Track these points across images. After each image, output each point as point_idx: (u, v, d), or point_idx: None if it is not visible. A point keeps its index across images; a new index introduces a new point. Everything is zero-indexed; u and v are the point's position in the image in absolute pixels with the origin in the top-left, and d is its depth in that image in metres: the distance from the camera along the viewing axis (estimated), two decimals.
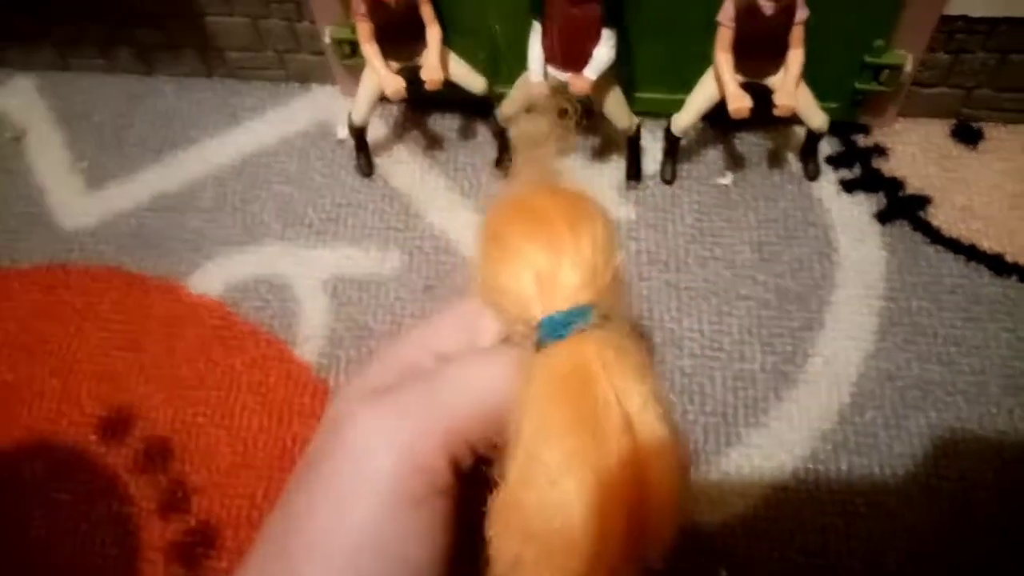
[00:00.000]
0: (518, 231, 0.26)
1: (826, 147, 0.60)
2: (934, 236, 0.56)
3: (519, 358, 0.26)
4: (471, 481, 0.26)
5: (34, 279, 0.60)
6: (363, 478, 0.25)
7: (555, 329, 0.24)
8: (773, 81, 0.54)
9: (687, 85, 0.56)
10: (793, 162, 0.60)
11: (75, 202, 0.62)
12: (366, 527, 0.25)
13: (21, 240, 0.61)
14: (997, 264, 0.54)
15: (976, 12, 0.52)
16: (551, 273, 0.25)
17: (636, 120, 0.58)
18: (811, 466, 0.49)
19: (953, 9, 0.52)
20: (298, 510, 0.26)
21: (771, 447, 0.50)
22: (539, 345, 0.25)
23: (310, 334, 0.55)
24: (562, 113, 0.30)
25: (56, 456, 0.52)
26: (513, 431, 0.24)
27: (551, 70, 0.54)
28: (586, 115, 0.57)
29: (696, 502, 0.47)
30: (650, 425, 0.23)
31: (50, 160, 0.65)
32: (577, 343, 0.24)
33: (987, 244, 0.55)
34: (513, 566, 0.23)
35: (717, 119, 0.59)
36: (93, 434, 0.53)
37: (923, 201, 0.57)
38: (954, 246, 0.55)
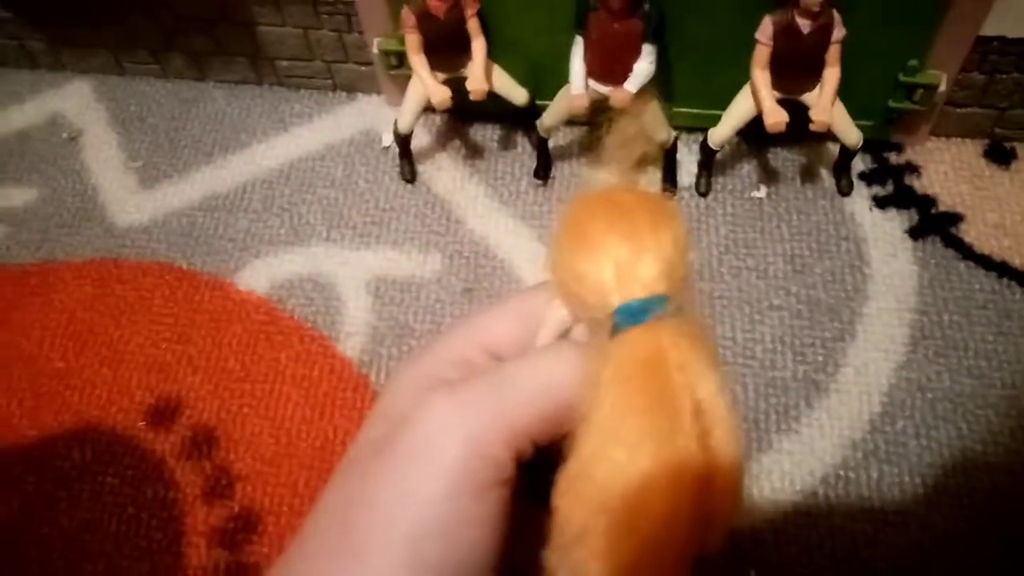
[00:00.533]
0: (601, 222, 0.26)
1: (859, 164, 0.61)
2: (966, 252, 0.57)
3: (585, 353, 0.27)
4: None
5: (87, 272, 0.62)
6: (432, 466, 0.26)
7: (633, 315, 0.25)
8: (809, 98, 0.55)
9: (724, 101, 0.58)
10: (826, 178, 0.61)
11: (128, 200, 0.65)
12: (431, 513, 0.26)
13: (75, 235, 0.64)
14: None
15: (1012, 33, 0.53)
16: (631, 263, 0.26)
17: (673, 133, 0.59)
18: (841, 473, 0.50)
19: (989, 30, 0.53)
20: (361, 492, 0.27)
21: (802, 454, 0.50)
22: (615, 331, 0.26)
23: (352, 331, 0.57)
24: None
25: (104, 441, 0.54)
26: (585, 410, 0.25)
27: (592, 83, 0.55)
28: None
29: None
30: (720, 413, 0.24)
31: (105, 159, 0.67)
32: (654, 329, 0.25)
33: (1019, 261, 0.56)
34: (580, 536, 0.24)
35: (752, 134, 0.61)
36: (141, 421, 0.55)
37: (955, 218, 0.58)
38: (986, 262, 0.56)
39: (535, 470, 0.27)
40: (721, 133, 0.58)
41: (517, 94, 0.60)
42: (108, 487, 0.53)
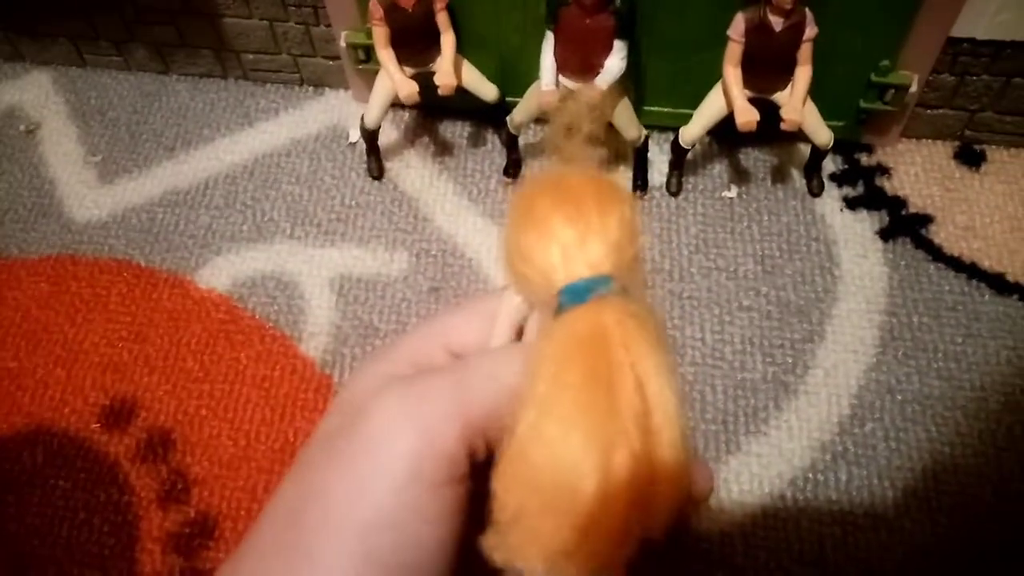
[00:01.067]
0: (548, 205, 0.27)
1: (830, 165, 0.61)
2: (936, 254, 0.56)
3: (542, 327, 0.27)
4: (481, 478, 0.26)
5: (42, 269, 0.60)
6: (385, 458, 0.25)
7: (576, 294, 0.25)
8: (780, 97, 0.54)
9: (695, 100, 0.57)
10: (797, 178, 0.60)
11: (87, 195, 0.63)
12: (383, 505, 0.25)
13: (30, 231, 0.62)
14: (998, 283, 0.55)
15: (982, 35, 0.53)
16: (576, 244, 0.26)
17: (644, 131, 0.59)
18: (810, 476, 0.49)
19: (959, 31, 0.53)
20: (314, 484, 0.26)
21: (770, 456, 0.50)
22: (559, 311, 0.25)
23: (315, 331, 0.55)
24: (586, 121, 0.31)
25: (57, 443, 0.53)
26: (526, 388, 0.24)
27: (563, 79, 0.55)
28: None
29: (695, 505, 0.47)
30: (662, 393, 0.24)
31: (63, 153, 0.66)
32: (596, 307, 0.25)
33: (988, 263, 0.56)
34: (516, 517, 0.23)
35: (724, 134, 0.60)
36: (95, 423, 0.53)
37: (925, 220, 0.58)
38: (955, 264, 0.56)
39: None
40: (692, 132, 0.57)
41: (487, 90, 0.59)
42: (59, 491, 0.51)
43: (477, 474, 0.27)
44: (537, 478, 0.23)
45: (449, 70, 0.56)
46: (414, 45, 0.57)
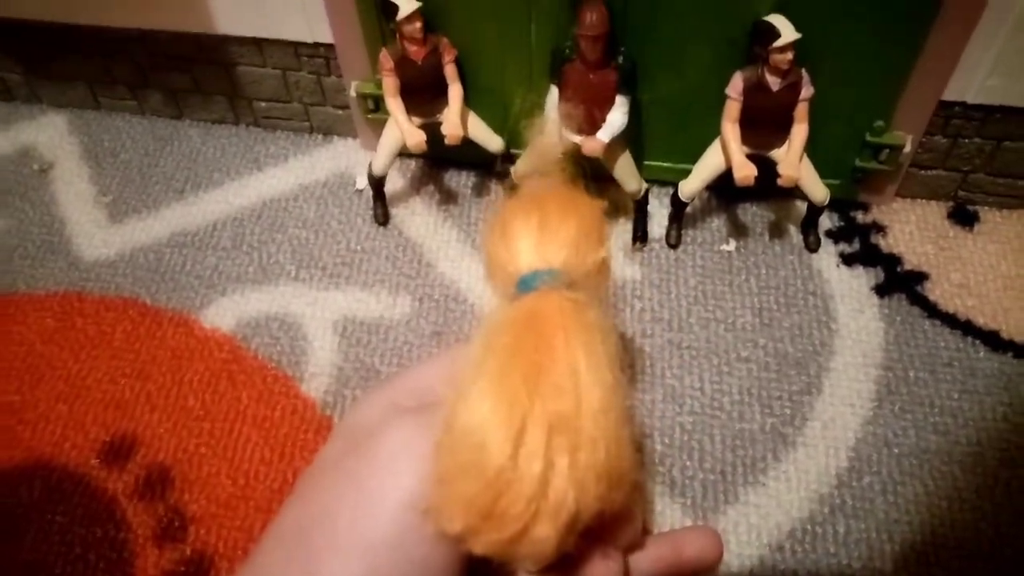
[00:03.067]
0: (516, 210, 0.30)
1: (826, 221, 0.62)
2: (931, 310, 0.57)
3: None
4: None
5: (48, 305, 0.61)
6: (390, 481, 0.26)
7: (525, 284, 0.28)
8: (777, 154, 0.56)
9: (694, 155, 0.59)
10: (794, 234, 0.62)
11: (96, 234, 0.64)
12: (388, 526, 0.26)
13: (38, 267, 0.63)
14: (993, 340, 0.56)
15: (972, 99, 0.55)
16: (534, 242, 0.29)
17: (644, 185, 0.60)
18: (808, 528, 0.49)
19: (951, 95, 0.55)
20: (320, 505, 0.27)
21: (768, 507, 0.50)
22: (514, 300, 0.28)
23: (317, 372, 0.56)
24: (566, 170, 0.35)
25: (56, 478, 0.53)
26: (467, 360, 0.26)
27: (566, 132, 0.56)
28: (593, 178, 0.60)
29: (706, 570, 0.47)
30: (592, 379, 0.25)
31: (74, 193, 0.67)
32: (541, 295, 0.27)
33: (982, 321, 0.57)
34: (441, 479, 0.25)
35: (722, 189, 0.62)
36: (95, 459, 0.53)
37: (920, 277, 0.59)
38: (951, 321, 0.57)
39: None
40: (691, 186, 0.58)
41: (492, 141, 0.61)
42: (56, 526, 0.51)
43: None
44: (456, 441, 0.24)
45: (456, 121, 0.58)
46: (422, 96, 0.58)
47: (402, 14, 0.53)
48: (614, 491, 0.25)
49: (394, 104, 0.58)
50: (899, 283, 0.59)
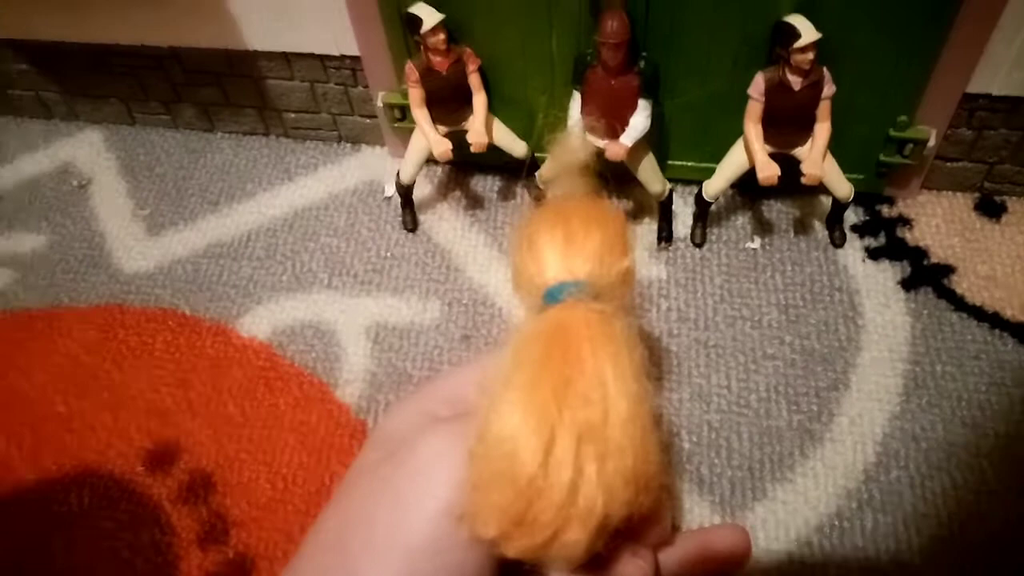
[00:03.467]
0: (541, 224, 0.30)
1: (851, 216, 0.62)
2: (958, 304, 0.57)
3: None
4: None
5: (91, 318, 0.63)
6: (427, 488, 0.27)
7: (552, 296, 0.28)
8: (800, 152, 0.56)
9: (718, 155, 0.59)
10: (819, 230, 0.62)
11: (134, 247, 0.66)
12: (426, 532, 0.27)
13: (81, 281, 0.65)
14: (1021, 332, 0.56)
15: (997, 91, 0.55)
16: (560, 255, 0.29)
17: (668, 185, 0.61)
18: (836, 523, 0.50)
19: (975, 87, 0.55)
20: (358, 511, 0.28)
21: (796, 503, 0.50)
22: (541, 311, 0.29)
23: (351, 378, 0.57)
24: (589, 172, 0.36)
25: (103, 485, 0.55)
26: (498, 370, 0.27)
27: (589, 137, 0.57)
28: (617, 180, 0.61)
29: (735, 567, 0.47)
30: (619, 383, 0.26)
31: (113, 207, 0.69)
32: (567, 307, 0.28)
33: (1010, 313, 0.57)
34: (475, 486, 0.26)
35: (746, 187, 0.62)
36: (140, 466, 0.55)
37: (947, 270, 0.59)
38: (978, 314, 0.57)
39: None
40: (715, 186, 0.59)
41: (517, 147, 0.62)
42: (104, 531, 0.53)
43: None
44: (489, 451, 0.25)
45: (481, 129, 0.59)
46: (448, 105, 0.59)
47: (426, 27, 0.54)
48: (642, 495, 0.26)
49: (420, 114, 0.59)
50: (925, 276, 0.59)
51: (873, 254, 0.60)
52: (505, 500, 0.25)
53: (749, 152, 0.56)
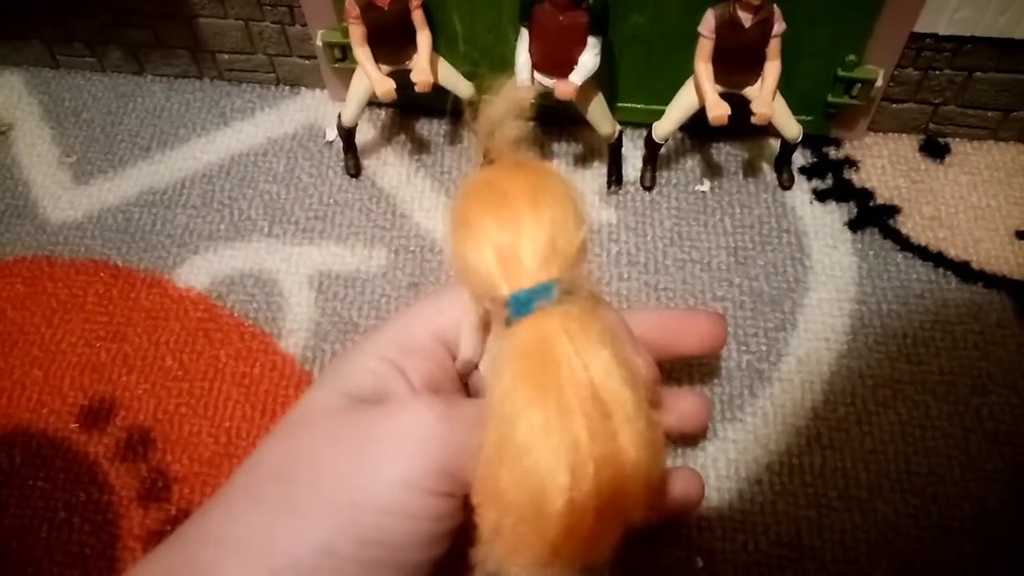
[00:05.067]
0: (480, 210, 0.26)
1: (799, 158, 0.62)
2: (903, 243, 0.58)
3: (497, 334, 0.28)
4: None
5: (17, 271, 0.60)
6: (396, 454, 0.27)
7: (520, 306, 0.25)
8: (750, 91, 0.56)
9: (667, 96, 0.58)
10: (768, 172, 0.62)
11: (62, 196, 0.63)
12: (381, 493, 0.26)
13: (4, 232, 0.61)
14: (963, 271, 0.56)
15: (943, 30, 0.55)
16: (512, 250, 0.26)
17: (618, 127, 0.59)
18: (785, 460, 0.50)
19: (922, 27, 0.55)
20: (310, 450, 0.27)
21: (746, 442, 0.51)
22: (508, 323, 0.26)
23: (295, 328, 0.56)
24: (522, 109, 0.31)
25: (35, 444, 0.52)
26: (488, 407, 0.25)
27: (538, 75, 0.55)
28: (567, 122, 0.60)
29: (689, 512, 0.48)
30: (619, 391, 0.24)
31: (37, 155, 0.65)
32: (540, 319, 0.25)
33: (954, 252, 0.57)
34: (494, 533, 0.24)
35: (696, 129, 0.61)
36: (74, 423, 0.53)
37: (892, 210, 0.60)
38: (922, 253, 0.57)
39: None
40: (665, 127, 0.58)
41: (463, 87, 0.60)
42: (39, 492, 0.51)
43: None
44: (505, 498, 0.24)
45: (425, 67, 0.57)
46: (390, 43, 0.57)
47: None
48: (656, 481, 0.26)
49: (361, 53, 0.57)
50: (871, 217, 0.59)
51: (820, 196, 0.61)
52: (536, 543, 0.24)
53: (699, 91, 0.55)
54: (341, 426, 0.28)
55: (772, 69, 0.54)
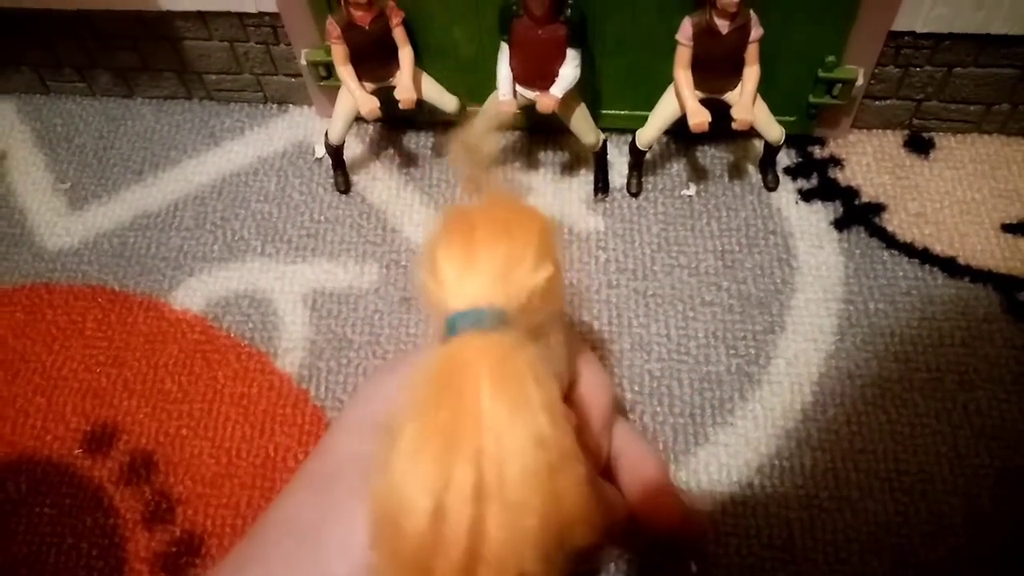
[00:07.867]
0: (445, 238, 0.27)
1: (784, 159, 0.62)
2: (889, 241, 0.58)
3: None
4: None
5: (16, 299, 0.61)
6: None
7: (450, 327, 0.25)
8: (731, 97, 0.56)
9: (650, 102, 0.58)
10: (753, 173, 0.62)
11: (57, 223, 0.64)
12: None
13: (2, 261, 0.62)
14: (950, 266, 0.57)
15: (921, 28, 0.55)
16: (460, 275, 0.26)
17: (602, 136, 0.60)
18: (776, 463, 0.51)
19: (900, 25, 0.55)
20: (340, 503, 0.27)
21: (737, 445, 0.51)
22: (443, 342, 0.26)
23: (291, 346, 0.56)
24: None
25: (40, 471, 0.53)
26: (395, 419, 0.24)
27: (519, 89, 0.56)
28: (551, 132, 0.60)
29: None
30: (521, 435, 0.23)
31: (31, 182, 0.66)
32: (464, 342, 0.24)
33: (940, 248, 0.58)
34: (376, 554, 0.23)
35: (679, 134, 0.62)
36: (78, 448, 0.54)
37: (878, 208, 0.60)
38: (908, 250, 0.58)
39: None
40: (648, 134, 0.59)
41: (447, 101, 0.60)
42: (45, 518, 0.52)
43: None
44: (375, 511, 0.23)
45: (408, 84, 0.57)
46: (373, 61, 0.58)
47: None
48: (568, 538, 0.23)
49: (345, 72, 0.57)
50: (857, 216, 0.60)
51: (806, 196, 0.61)
52: (399, 562, 0.22)
53: (680, 98, 0.55)
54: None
55: (751, 74, 0.55)
